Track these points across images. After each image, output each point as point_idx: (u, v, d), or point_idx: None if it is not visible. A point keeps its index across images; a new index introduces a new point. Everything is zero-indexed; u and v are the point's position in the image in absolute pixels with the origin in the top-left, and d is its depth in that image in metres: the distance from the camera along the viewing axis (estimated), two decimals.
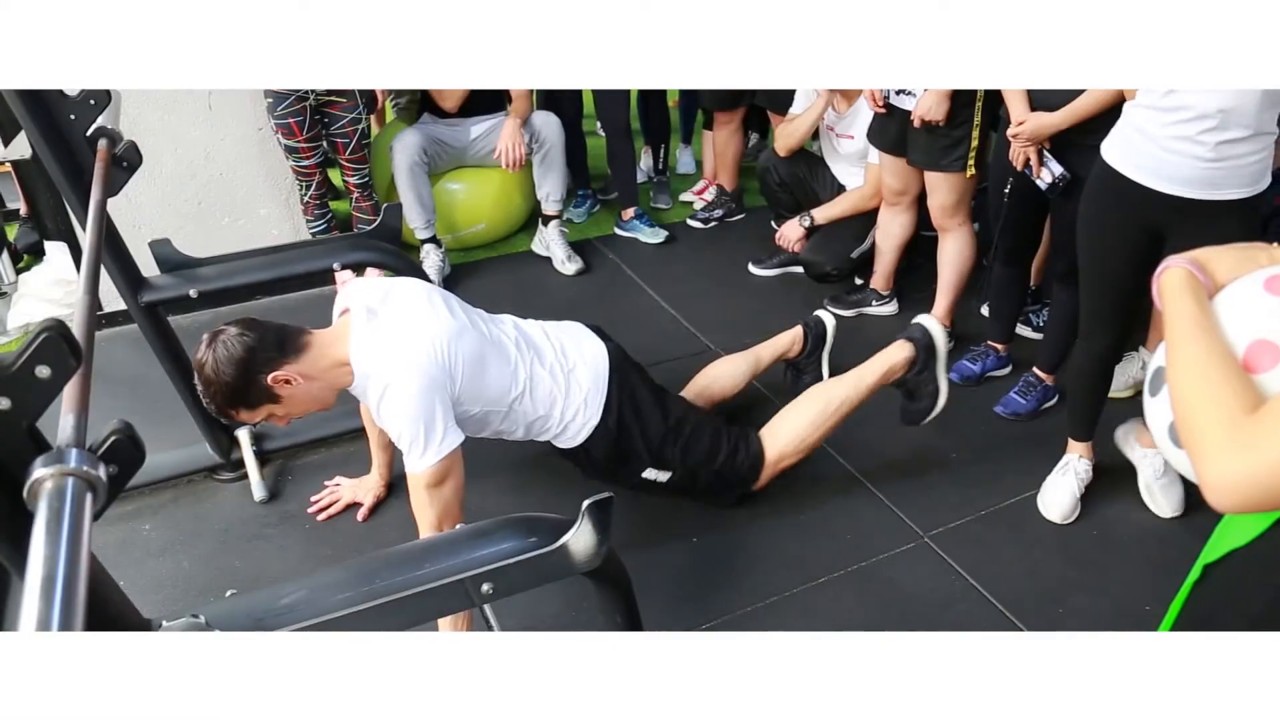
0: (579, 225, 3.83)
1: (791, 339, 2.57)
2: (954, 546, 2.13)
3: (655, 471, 2.11)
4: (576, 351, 2.05)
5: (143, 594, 2.01)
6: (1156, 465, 2.20)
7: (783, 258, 3.37)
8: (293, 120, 2.91)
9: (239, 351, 1.66)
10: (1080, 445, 2.24)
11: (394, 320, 1.78)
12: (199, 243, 2.41)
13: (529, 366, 1.95)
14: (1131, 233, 1.88)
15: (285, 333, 1.73)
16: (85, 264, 1.29)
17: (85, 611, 0.64)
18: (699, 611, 1.98)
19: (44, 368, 0.78)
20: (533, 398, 1.95)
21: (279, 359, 1.69)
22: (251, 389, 1.68)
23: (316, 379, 1.75)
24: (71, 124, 1.81)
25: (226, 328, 1.69)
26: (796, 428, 2.18)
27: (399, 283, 1.91)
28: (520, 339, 1.99)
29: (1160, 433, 0.93)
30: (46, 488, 0.74)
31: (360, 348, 1.74)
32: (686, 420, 2.12)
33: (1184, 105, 1.71)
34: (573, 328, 2.15)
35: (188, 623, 1.03)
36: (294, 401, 1.74)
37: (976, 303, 2.99)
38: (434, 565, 1.16)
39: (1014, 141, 2.23)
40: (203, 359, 1.68)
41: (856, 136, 3.06)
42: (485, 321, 1.97)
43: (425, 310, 1.82)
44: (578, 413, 2.01)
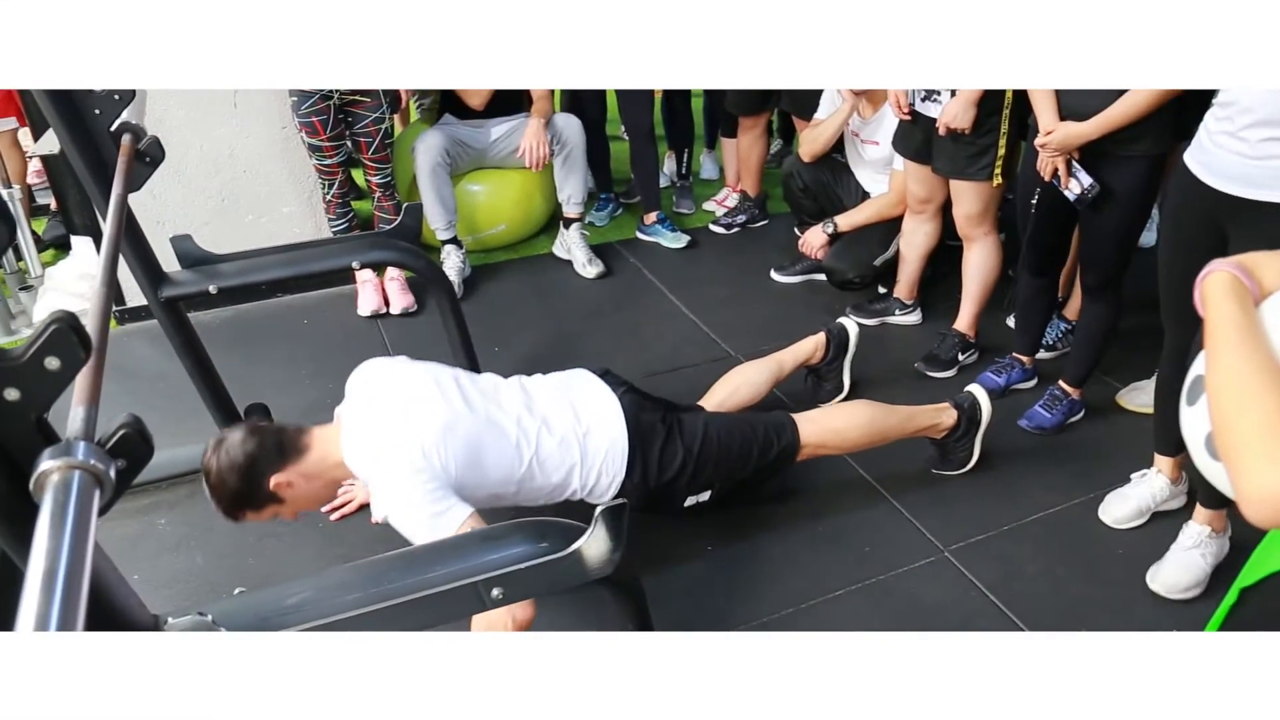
0: (601, 229, 3.82)
1: (814, 345, 2.55)
2: (975, 562, 2.09)
3: (695, 496, 2.07)
4: (590, 413, 1.96)
5: (155, 589, 2.01)
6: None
7: (805, 264, 3.34)
8: (316, 119, 2.92)
9: (240, 459, 1.67)
10: (1163, 461, 2.17)
11: (383, 422, 1.76)
12: (222, 239, 2.42)
13: (534, 441, 1.86)
14: (1198, 231, 1.84)
15: (285, 437, 1.74)
16: (103, 257, 1.29)
17: (87, 606, 0.62)
18: (713, 622, 1.95)
19: (54, 359, 0.77)
20: (543, 471, 1.88)
21: (280, 463, 1.70)
22: (255, 493, 1.70)
23: (317, 478, 1.76)
24: (96, 119, 1.82)
25: (230, 434, 1.71)
26: (840, 427, 2.16)
27: (394, 372, 1.89)
28: (524, 414, 1.89)
29: (1196, 444, 0.89)
30: (52, 480, 0.73)
31: (352, 452, 1.74)
32: (710, 437, 2.05)
33: (1231, 100, 1.70)
34: (583, 383, 2.05)
35: (193, 620, 1.02)
36: (297, 501, 1.76)
37: (1002, 314, 2.95)
38: (444, 568, 1.15)
39: (1042, 151, 2.19)
40: (209, 465, 1.69)
41: (882, 142, 3.03)
42: (486, 398, 1.88)
43: (414, 408, 1.78)
44: (600, 475, 1.93)
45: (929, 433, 2.29)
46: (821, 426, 2.15)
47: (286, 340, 3.02)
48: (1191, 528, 2.00)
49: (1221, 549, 1.99)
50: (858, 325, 2.62)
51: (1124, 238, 2.24)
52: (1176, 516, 2.12)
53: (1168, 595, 1.96)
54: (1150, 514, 2.18)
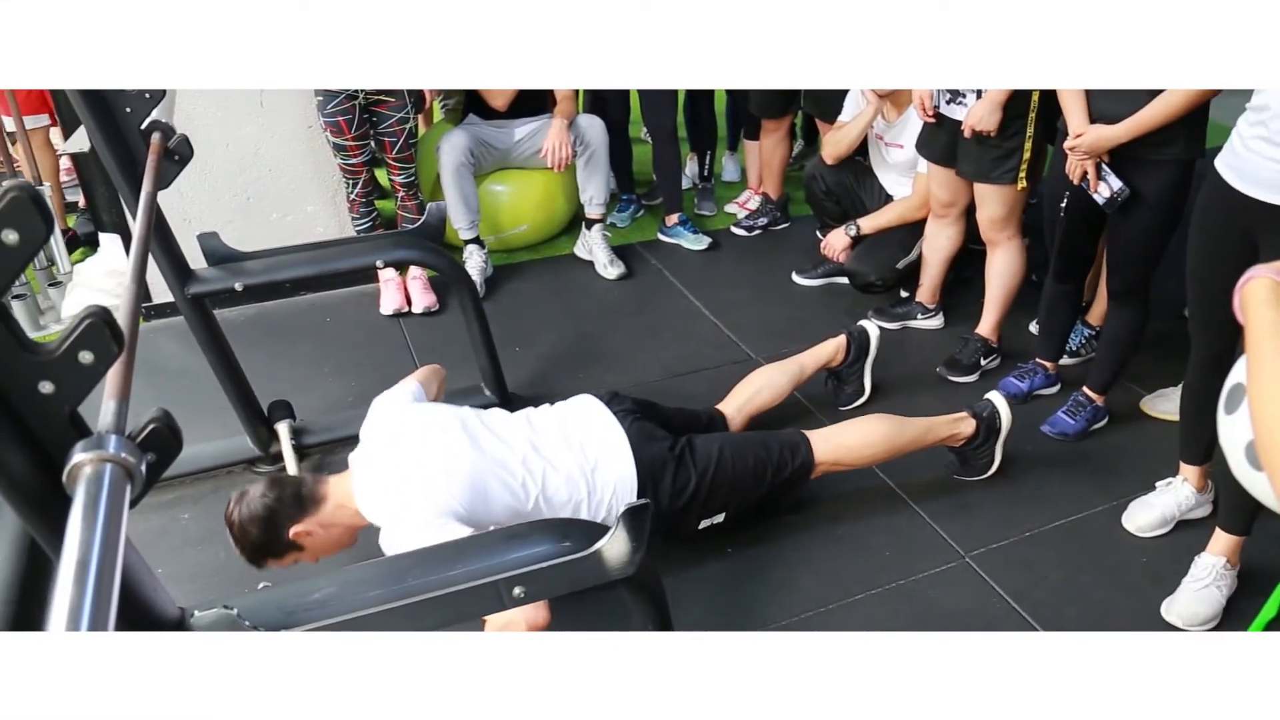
0: (622, 230, 3.83)
1: (835, 348, 2.54)
2: (996, 568, 2.08)
3: (709, 519, 2.07)
4: (597, 447, 1.96)
5: (179, 583, 2.03)
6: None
7: (827, 267, 3.33)
8: (341, 118, 2.94)
9: (260, 511, 1.74)
10: (1189, 469, 2.15)
11: (392, 473, 1.80)
12: (247, 237, 2.45)
13: (540, 480, 1.87)
14: (1229, 238, 1.82)
15: (303, 489, 1.80)
16: (133, 254, 1.30)
17: (118, 598, 0.63)
18: (731, 625, 1.95)
19: (87, 353, 0.78)
20: (550, 507, 1.89)
21: (299, 514, 1.76)
22: (276, 543, 1.76)
23: (335, 526, 1.81)
24: (127, 117, 1.84)
25: (251, 488, 1.77)
26: (854, 444, 2.16)
27: (402, 418, 1.93)
28: (529, 453, 1.90)
29: (1236, 453, 0.88)
30: (85, 473, 0.74)
31: (365, 502, 1.78)
32: (724, 460, 2.04)
33: (1264, 105, 1.68)
34: (589, 416, 2.04)
35: (219, 613, 1.03)
36: (317, 548, 1.82)
37: (1025, 319, 2.93)
38: (466, 566, 1.15)
39: (1071, 154, 2.18)
40: (231, 518, 1.76)
41: (906, 146, 3.01)
42: (493, 437, 1.90)
43: (421, 457, 1.81)
44: (610, 508, 1.94)
45: (947, 442, 2.28)
46: (835, 444, 2.14)
47: (309, 338, 3.04)
48: (1206, 560, 1.95)
49: (1233, 582, 1.95)
50: (879, 328, 2.61)
51: (1152, 243, 2.21)
52: (1202, 526, 2.10)
53: (1185, 627, 1.91)
54: (1175, 522, 2.15)
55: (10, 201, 0.69)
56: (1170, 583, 1.98)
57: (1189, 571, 1.96)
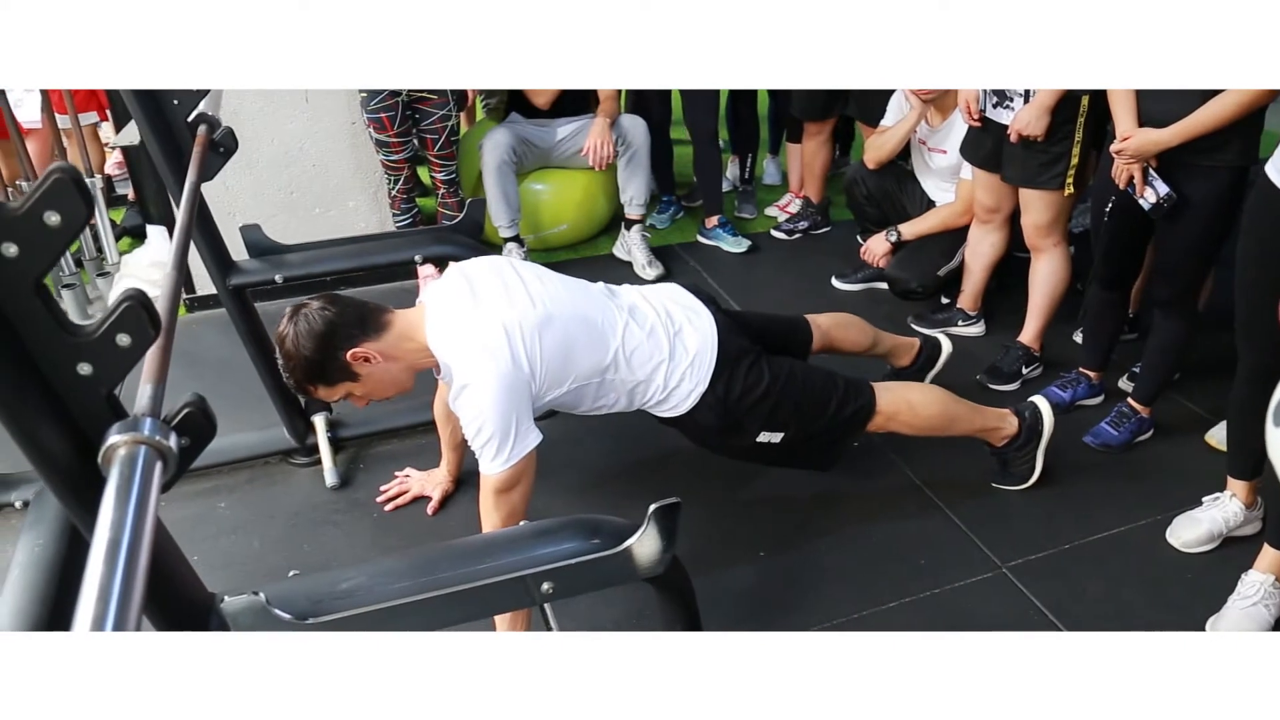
0: (662, 231, 3.82)
1: (909, 345, 2.52)
2: (1034, 580, 2.03)
3: (769, 434, 2.01)
4: (682, 314, 1.94)
5: (212, 570, 2.06)
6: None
7: (867, 273, 3.29)
8: (385, 115, 2.97)
9: (320, 325, 1.65)
10: (1237, 484, 2.09)
11: (473, 311, 1.73)
12: (289, 231, 2.48)
13: (620, 333, 1.83)
14: (1274, 244, 1.77)
15: (367, 310, 1.72)
16: (175, 241, 1.32)
17: (147, 578, 0.64)
18: (761, 629, 1.93)
19: (124, 336, 0.79)
20: (630, 364, 1.85)
21: (360, 336, 1.68)
22: (331, 364, 1.68)
23: (397, 359, 1.73)
24: (175, 109, 1.86)
25: (309, 301, 1.69)
26: (914, 401, 2.11)
27: (481, 266, 1.86)
28: (610, 304, 1.88)
29: None
30: (119, 454, 0.74)
31: (438, 337, 1.72)
32: (796, 374, 2.01)
33: None
34: (675, 290, 2.05)
35: (248, 599, 1.04)
36: (372, 380, 1.73)
37: (1069, 328, 2.88)
38: (495, 561, 1.15)
39: (1118, 158, 2.13)
40: (284, 332, 1.68)
41: (950, 151, 2.97)
42: (571, 291, 1.86)
43: (504, 301, 1.75)
44: (684, 377, 1.89)
45: (990, 436, 2.23)
46: (897, 396, 2.10)
47: None
48: (1254, 577, 1.89)
49: None
50: (951, 347, 2.57)
51: (1201, 252, 2.16)
52: (1250, 543, 2.04)
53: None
54: (1222, 538, 2.09)
55: (53, 184, 0.70)
56: (1216, 600, 1.92)
57: (1236, 589, 1.90)
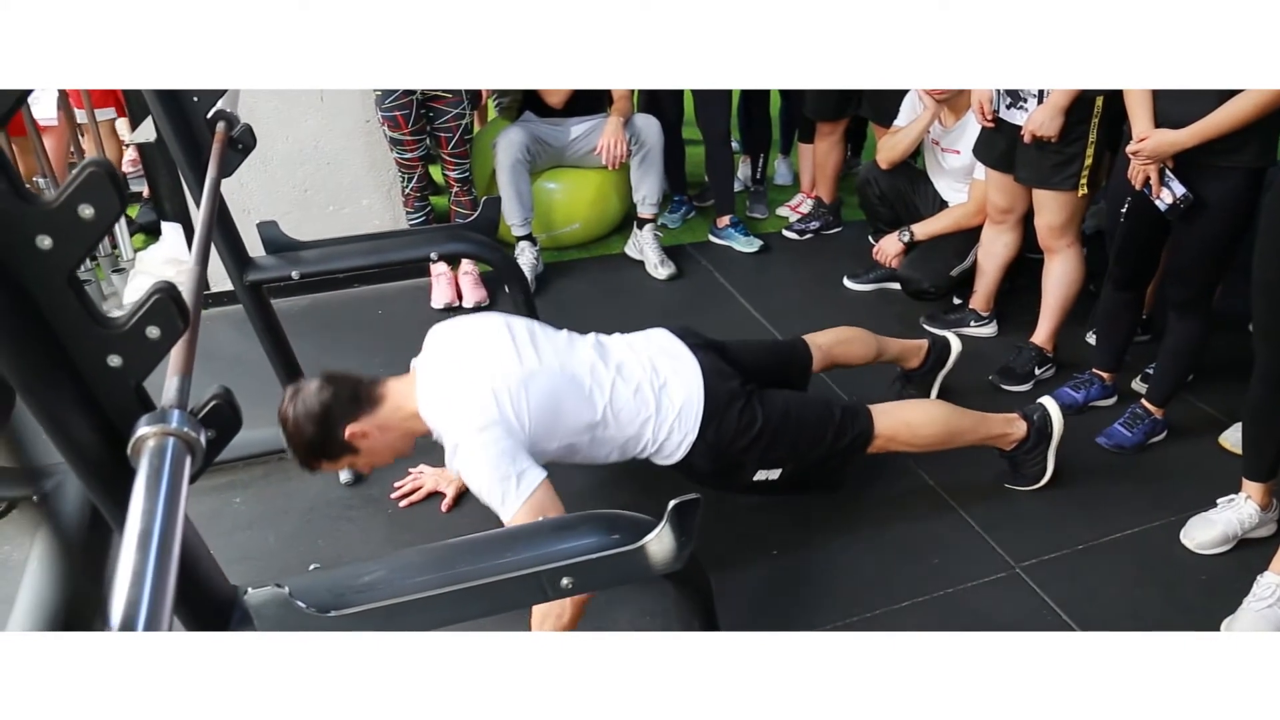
0: (673, 230, 3.82)
1: (916, 348, 2.52)
2: (1048, 580, 2.03)
3: (765, 472, 2.02)
4: (668, 366, 1.95)
5: (229, 564, 2.03)
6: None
7: (879, 273, 3.29)
8: (399, 113, 2.97)
9: (316, 409, 1.69)
10: (1252, 486, 2.08)
11: (459, 372, 1.76)
12: (304, 229, 2.48)
13: (608, 391, 1.85)
14: None
15: (360, 387, 1.75)
16: (197, 237, 1.33)
17: (178, 568, 0.64)
18: (774, 627, 1.93)
19: (154, 328, 0.80)
20: (618, 421, 1.87)
21: (355, 413, 1.72)
22: (330, 443, 1.72)
23: (392, 429, 1.77)
24: (194, 105, 1.87)
25: (306, 384, 1.73)
26: (913, 421, 2.11)
27: (468, 325, 1.90)
28: (599, 362, 1.90)
29: None
30: (149, 446, 0.75)
31: (427, 402, 1.75)
32: (790, 407, 2.02)
33: None
34: (660, 338, 2.06)
35: (271, 591, 1.05)
36: (372, 452, 1.77)
37: (1082, 329, 2.87)
38: (514, 555, 1.15)
39: (1134, 158, 2.13)
40: (285, 414, 1.72)
41: (963, 151, 2.97)
42: (559, 350, 1.88)
43: (490, 359, 1.78)
44: (672, 430, 1.91)
45: (998, 442, 2.23)
46: (895, 419, 2.10)
47: (361, 329, 3.08)
48: (1269, 579, 1.89)
49: None
50: (960, 345, 2.56)
51: (1218, 253, 2.15)
52: (1265, 545, 2.03)
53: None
54: (1236, 540, 2.09)
55: (89, 177, 0.70)
56: (1231, 602, 1.92)
57: (1251, 590, 1.90)
